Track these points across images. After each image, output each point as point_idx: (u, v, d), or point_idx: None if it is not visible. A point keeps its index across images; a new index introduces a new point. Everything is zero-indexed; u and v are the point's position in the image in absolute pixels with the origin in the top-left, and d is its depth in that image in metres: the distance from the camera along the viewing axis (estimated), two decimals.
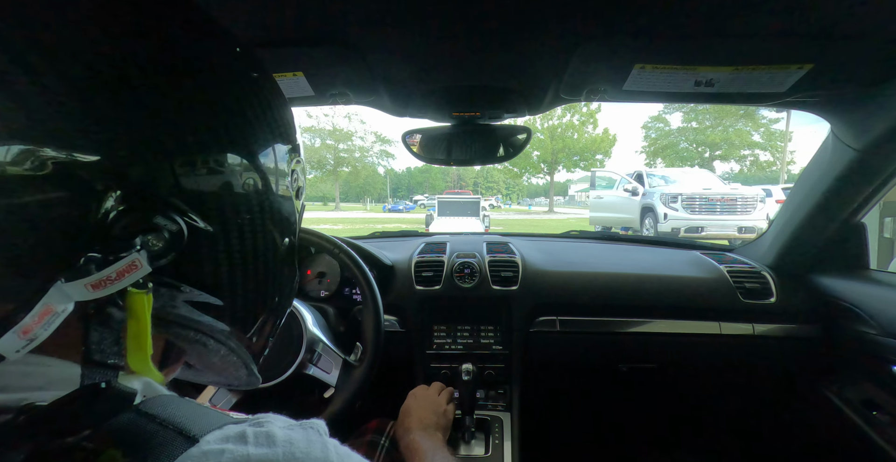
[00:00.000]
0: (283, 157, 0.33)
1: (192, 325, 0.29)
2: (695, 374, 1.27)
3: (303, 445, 0.24)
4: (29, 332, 0.21)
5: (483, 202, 9.70)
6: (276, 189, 0.33)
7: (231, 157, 0.29)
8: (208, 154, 0.27)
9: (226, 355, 0.32)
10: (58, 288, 0.22)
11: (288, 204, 0.34)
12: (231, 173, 0.29)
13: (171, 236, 0.25)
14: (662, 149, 26.52)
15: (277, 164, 0.33)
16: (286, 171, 0.34)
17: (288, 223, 0.35)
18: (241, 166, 0.29)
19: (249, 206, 0.30)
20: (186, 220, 0.26)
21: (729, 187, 7.75)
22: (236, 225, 0.30)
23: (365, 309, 0.82)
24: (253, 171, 0.30)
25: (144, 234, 0.24)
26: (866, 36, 0.63)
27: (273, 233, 0.33)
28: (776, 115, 21.79)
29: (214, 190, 0.28)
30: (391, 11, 0.59)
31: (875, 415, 0.94)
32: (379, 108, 0.96)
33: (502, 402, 1.08)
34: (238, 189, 0.29)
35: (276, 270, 0.35)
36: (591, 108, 22.62)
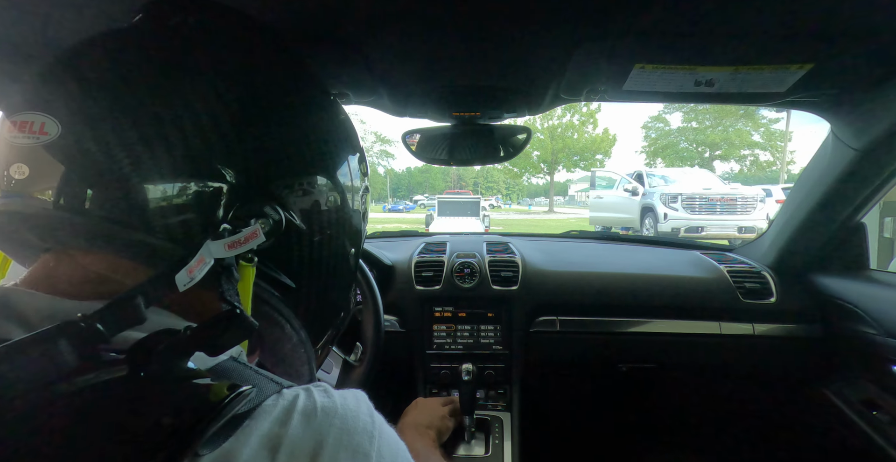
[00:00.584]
0: (356, 167, 0.41)
1: (277, 305, 0.35)
2: (695, 374, 1.27)
3: (352, 403, 0.29)
4: (192, 271, 0.29)
5: (483, 202, 9.70)
6: (351, 201, 0.40)
7: (319, 173, 0.37)
8: (301, 164, 0.36)
9: (297, 345, 0.37)
10: (207, 245, 0.30)
11: (357, 215, 0.42)
12: (319, 185, 0.36)
13: (275, 223, 0.33)
14: (662, 149, 26.52)
15: (352, 175, 0.40)
16: (360, 180, 0.41)
17: (357, 231, 0.42)
18: (326, 181, 0.37)
19: (330, 211, 0.37)
20: (285, 214, 0.34)
21: (729, 187, 7.75)
22: (319, 225, 0.37)
23: (365, 309, 0.82)
24: (335, 184, 0.38)
25: (257, 217, 0.32)
26: (866, 36, 0.63)
27: (345, 237, 0.40)
28: (776, 115, 21.81)
29: (304, 188, 0.36)
30: (391, 11, 0.59)
31: (875, 415, 0.94)
32: (379, 108, 0.96)
33: (502, 402, 1.08)
34: (324, 197, 0.37)
35: (346, 264, 0.42)
36: (591, 108, 22.64)
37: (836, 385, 1.05)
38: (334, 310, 0.43)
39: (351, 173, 0.40)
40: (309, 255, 0.37)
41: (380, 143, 34.24)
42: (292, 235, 0.35)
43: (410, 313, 1.13)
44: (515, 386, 1.10)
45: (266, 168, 0.33)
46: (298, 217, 0.35)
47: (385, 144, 34.54)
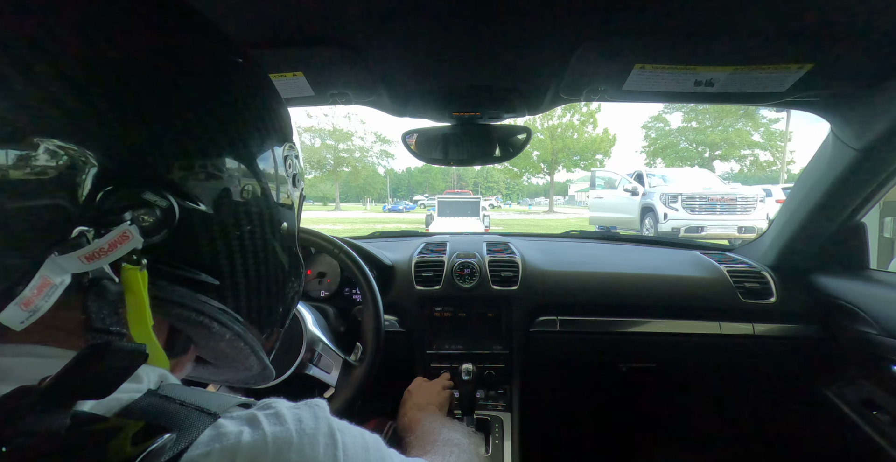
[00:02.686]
0: (281, 155, 0.35)
1: (192, 304, 0.29)
2: (695, 373, 1.27)
3: (311, 422, 0.26)
4: (30, 304, 0.22)
5: (483, 202, 9.69)
6: (275, 193, 0.34)
7: (229, 155, 0.30)
8: (199, 138, 0.28)
9: (233, 340, 0.32)
10: (52, 260, 0.23)
11: (283, 189, 0.36)
12: (229, 169, 0.30)
13: (163, 212, 0.26)
14: (662, 149, 26.52)
15: (277, 164, 0.35)
16: (288, 171, 0.36)
17: (283, 208, 0.36)
18: (239, 165, 0.31)
19: (242, 187, 0.31)
20: (178, 199, 0.27)
21: (729, 187, 7.75)
22: (230, 206, 0.31)
23: (365, 309, 0.82)
24: (253, 172, 0.32)
25: (134, 209, 0.25)
26: (866, 35, 0.63)
27: (268, 215, 0.34)
28: (776, 115, 21.81)
29: (207, 170, 0.29)
30: (391, 12, 0.59)
31: (875, 415, 0.94)
32: (379, 108, 0.96)
33: (502, 402, 1.08)
34: (231, 172, 0.30)
35: (274, 254, 0.35)
36: (591, 108, 22.62)
37: (836, 385, 1.05)
38: (275, 300, 0.37)
39: (276, 161, 0.34)
40: (226, 247, 0.31)
41: (380, 143, 34.22)
42: (198, 225, 0.29)
43: (410, 313, 1.13)
44: (515, 386, 1.10)
45: (151, 144, 0.26)
46: (205, 204, 0.29)
47: (385, 144, 34.51)
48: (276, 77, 0.77)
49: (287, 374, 0.77)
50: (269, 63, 0.72)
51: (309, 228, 0.89)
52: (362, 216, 20.70)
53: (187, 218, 0.28)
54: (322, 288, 1.16)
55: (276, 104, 0.36)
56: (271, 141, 0.34)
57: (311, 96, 0.85)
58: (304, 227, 0.90)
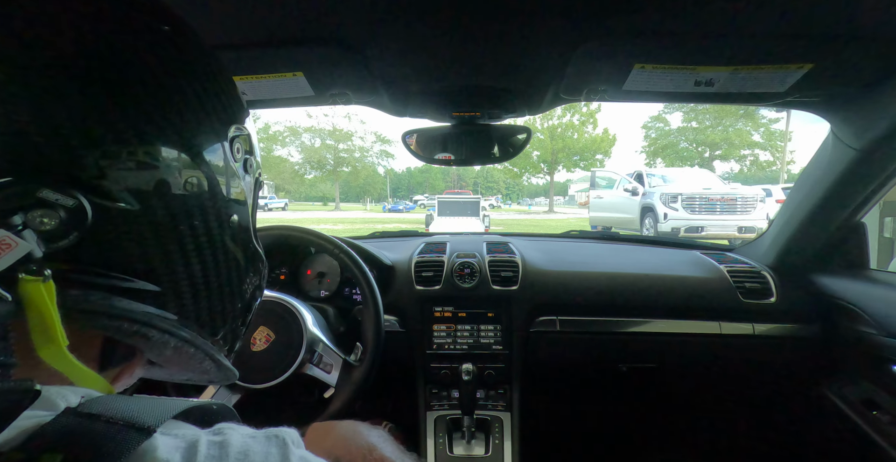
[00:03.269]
0: (229, 146, 0.31)
1: (124, 314, 0.25)
2: (695, 373, 1.27)
3: (259, 458, 0.22)
4: None
5: (483, 202, 9.70)
6: (212, 159, 0.29)
7: (141, 122, 0.25)
8: (112, 121, 0.24)
9: (179, 347, 0.28)
10: None
11: (231, 178, 0.32)
12: (147, 143, 0.25)
13: (68, 213, 0.22)
14: (662, 149, 26.52)
15: (227, 155, 0.30)
16: (223, 139, 0.31)
17: (231, 199, 0.32)
18: (160, 137, 0.26)
19: (175, 179, 0.27)
20: (90, 196, 0.23)
21: (729, 187, 7.75)
22: (162, 202, 0.26)
23: (365, 309, 0.82)
24: (176, 142, 0.27)
25: (26, 210, 0.21)
26: (866, 36, 0.63)
27: (213, 208, 0.30)
28: (776, 115, 21.81)
29: (127, 160, 0.24)
30: (391, 11, 0.59)
31: (875, 415, 0.94)
32: (379, 108, 0.96)
33: (502, 402, 1.08)
34: (159, 161, 0.26)
35: (224, 251, 0.32)
36: (591, 108, 22.62)
37: (836, 385, 1.05)
38: (228, 300, 0.33)
39: (225, 153, 0.30)
40: (161, 248, 0.27)
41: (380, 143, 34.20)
42: (121, 225, 0.25)
43: (410, 313, 1.13)
44: (515, 386, 1.10)
45: (45, 129, 0.22)
46: (127, 200, 0.25)
47: (385, 144, 34.50)
48: (276, 77, 0.77)
49: (287, 374, 0.78)
50: (269, 63, 0.72)
51: (309, 228, 0.89)
52: (362, 216, 20.70)
53: (106, 218, 0.24)
54: (322, 288, 1.16)
55: (218, 79, 0.31)
56: (211, 122, 0.30)
57: (311, 96, 0.85)
58: (305, 227, 0.90)
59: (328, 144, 31.25)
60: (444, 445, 1.03)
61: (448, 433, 1.06)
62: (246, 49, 0.68)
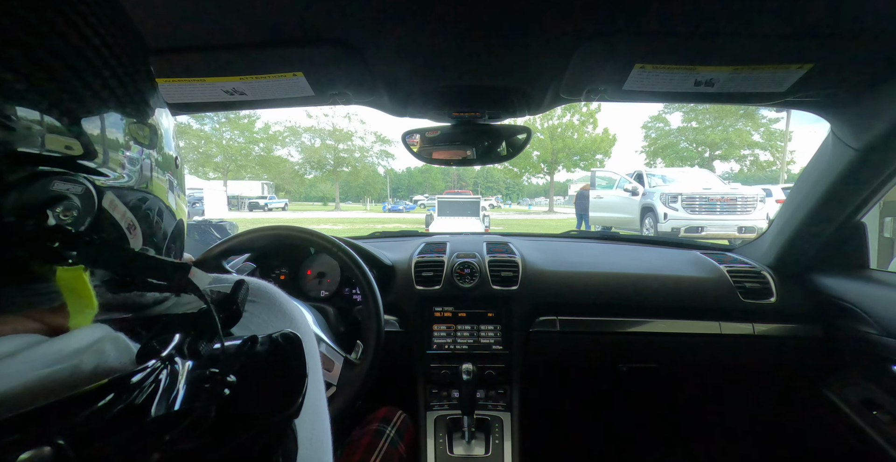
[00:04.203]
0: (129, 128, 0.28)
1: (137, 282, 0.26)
2: (695, 373, 1.27)
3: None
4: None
5: (483, 202, 9.69)
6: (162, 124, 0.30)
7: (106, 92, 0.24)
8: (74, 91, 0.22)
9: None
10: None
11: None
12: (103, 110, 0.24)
13: (80, 200, 0.22)
14: (662, 149, 26.52)
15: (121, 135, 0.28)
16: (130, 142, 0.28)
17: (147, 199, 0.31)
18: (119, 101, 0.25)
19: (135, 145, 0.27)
20: (90, 177, 0.22)
21: (729, 187, 7.75)
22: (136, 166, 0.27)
23: (365, 309, 0.82)
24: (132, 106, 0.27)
25: (50, 207, 0.20)
26: (866, 36, 0.63)
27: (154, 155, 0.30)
28: (776, 115, 21.81)
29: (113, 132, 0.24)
30: (391, 11, 0.59)
31: (875, 415, 0.94)
32: (379, 108, 0.96)
33: (502, 402, 1.08)
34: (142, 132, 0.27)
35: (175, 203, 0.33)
36: (591, 108, 22.62)
37: (836, 385, 1.05)
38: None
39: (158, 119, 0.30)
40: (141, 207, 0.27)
41: (380, 143, 34.18)
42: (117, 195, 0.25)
43: (410, 313, 1.13)
44: (515, 386, 1.10)
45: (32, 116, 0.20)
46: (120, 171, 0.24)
47: (385, 144, 34.47)
48: (276, 77, 0.77)
49: None
50: (269, 63, 0.72)
51: (309, 228, 0.89)
52: (362, 216, 20.69)
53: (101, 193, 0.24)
54: (322, 288, 1.16)
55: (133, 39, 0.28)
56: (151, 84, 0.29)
57: (311, 96, 0.85)
58: (305, 227, 0.90)
59: (328, 144, 31.24)
60: (444, 445, 1.03)
61: (448, 433, 1.06)
62: (246, 49, 0.67)
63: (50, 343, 0.20)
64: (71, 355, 0.20)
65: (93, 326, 0.23)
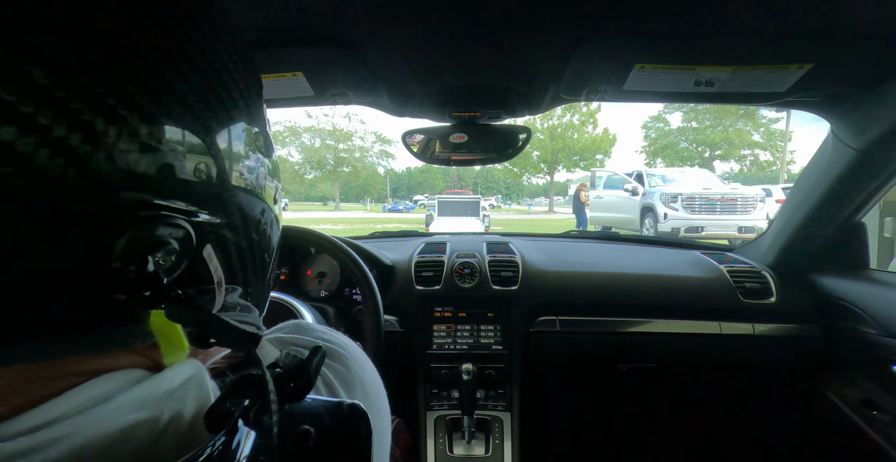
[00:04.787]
0: (251, 137, 0.28)
1: (227, 322, 0.25)
2: (695, 373, 1.27)
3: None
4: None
5: (483, 202, 9.69)
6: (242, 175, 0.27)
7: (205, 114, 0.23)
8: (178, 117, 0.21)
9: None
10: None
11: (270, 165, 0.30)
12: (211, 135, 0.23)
13: (180, 244, 0.21)
14: (662, 149, 26.52)
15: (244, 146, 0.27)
16: (253, 152, 0.28)
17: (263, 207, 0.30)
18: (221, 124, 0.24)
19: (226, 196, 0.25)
20: (191, 217, 0.22)
21: (729, 187, 7.75)
22: (236, 205, 0.25)
23: (365, 309, 0.82)
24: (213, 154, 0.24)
25: (151, 253, 0.20)
26: (866, 36, 0.63)
27: (259, 202, 0.28)
28: (776, 114, 21.81)
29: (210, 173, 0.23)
30: (391, 11, 0.59)
31: (875, 415, 0.94)
32: (379, 108, 0.96)
33: (502, 402, 1.08)
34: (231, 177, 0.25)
35: (270, 241, 0.31)
36: (591, 108, 22.64)
37: (836, 385, 1.05)
38: (269, 286, 0.34)
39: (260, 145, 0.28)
40: (239, 253, 0.26)
41: (380, 143, 34.19)
42: (213, 239, 0.24)
43: (410, 313, 1.13)
44: (515, 386, 1.10)
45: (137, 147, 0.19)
46: (219, 213, 0.24)
47: (385, 144, 34.49)
48: (276, 77, 0.77)
49: None
50: (269, 63, 0.72)
51: (309, 228, 0.89)
52: (362, 216, 20.69)
53: (202, 236, 0.23)
54: (322, 288, 1.16)
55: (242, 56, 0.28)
56: (255, 113, 0.28)
57: (311, 96, 0.85)
58: (305, 227, 0.90)
59: (328, 144, 31.24)
60: (444, 445, 1.03)
61: (448, 433, 1.06)
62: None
63: (143, 385, 0.21)
64: (158, 401, 0.20)
65: (185, 364, 0.23)
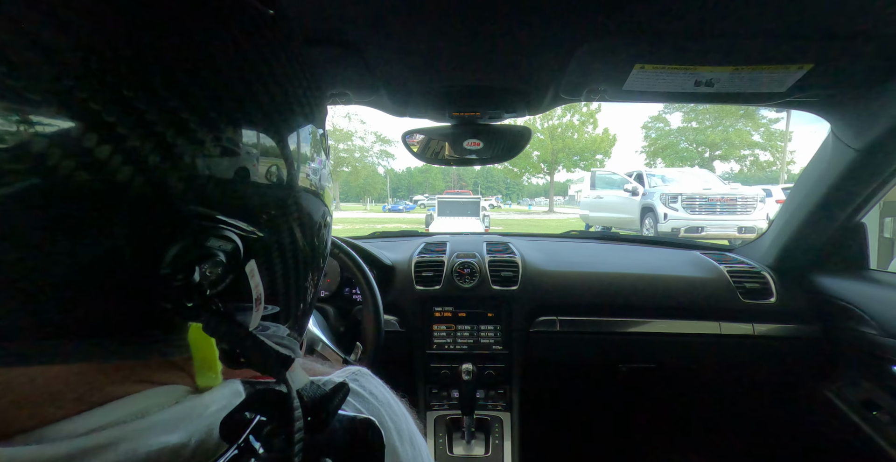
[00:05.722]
0: (317, 139, 0.28)
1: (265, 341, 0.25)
2: (695, 374, 1.27)
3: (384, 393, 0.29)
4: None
5: (483, 202, 9.69)
6: (308, 176, 0.27)
7: (263, 139, 0.23)
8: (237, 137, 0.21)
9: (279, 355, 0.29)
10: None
11: (323, 178, 0.29)
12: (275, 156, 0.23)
13: (228, 256, 0.21)
14: (662, 149, 26.52)
15: (311, 148, 0.27)
16: (318, 153, 0.28)
17: (320, 200, 0.30)
18: (274, 151, 0.23)
19: (293, 199, 0.25)
20: (241, 233, 0.21)
21: (729, 187, 7.75)
22: (286, 224, 0.25)
23: (365, 309, 0.82)
24: (284, 158, 0.24)
25: (200, 264, 0.19)
26: (866, 36, 0.63)
27: (315, 216, 0.28)
28: (776, 115, 21.81)
29: (262, 185, 0.22)
30: (391, 11, 0.59)
31: (875, 415, 0.94)
32: (379, 108, 0.96)
33: (502, 402, 1.09)
34: (291, 180, 0.24)
35: (316, 265, 0.31)
36: (591, 108, 22.63)
37: (836, 385, 1.05)
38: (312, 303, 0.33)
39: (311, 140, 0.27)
40: (282, 265, 0.26)
41: (380, 143, 34.19)
42: (260, 255, 0.24)
43: (410, 313, 1.13)
44: (515, 386, 1.10)
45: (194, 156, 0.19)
46: (267, 228, 0.23)
47: (385, 144, 34.48)
48: None
49: None
50: None
51: None
52: (362, 216, 20.69)
53: (249, 252, 0.22)
54: (322, 288, 1.16)
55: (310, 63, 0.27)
56: (321, 115, 0.27)
57: None
58: None
59: None
60: (444, 445, 1.03)
61: (448, 433, 1.06)
62: None
63: (180, 407, 0.21)
64: (190, 425, 0.21)
65: (225, 387, 0.24)
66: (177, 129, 0.19)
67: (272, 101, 0.23)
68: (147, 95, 0.18)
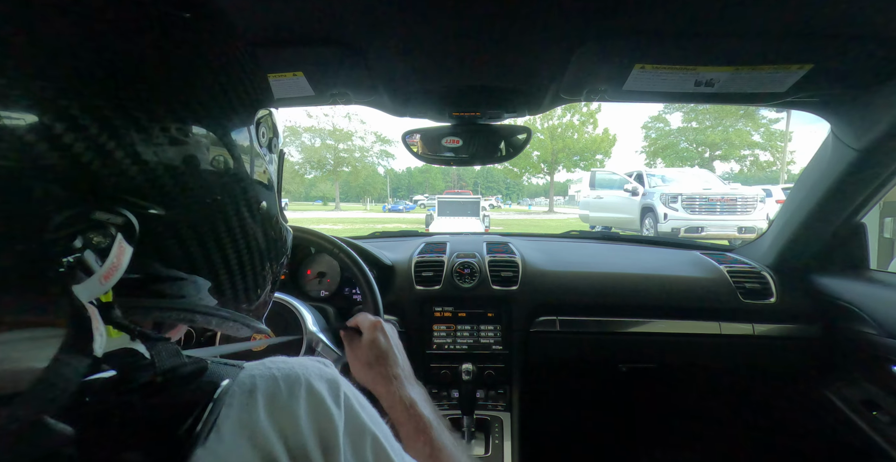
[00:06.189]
0: (247, 112, 0.30)
1: (173, 306, 0.28)
2: (695, 373, 1.27)
3: (309, 362, 0.31)
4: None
5: (483, 202, 9.69)
6: (243, 145, 0.29)
7: (191, 127, 0.25)
8: (161, 123, 0.24)
9: (220, 323, 0.32)
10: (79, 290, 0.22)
11: (258, 164, 0.31)
12: (193, 145, 0.26)
13: (119, 230, 0.23)
14: (662, 149, 26.51)
15: (242, 122, 0.29)
16: (249, 124, 0.30)
17: (260, 185, 0.32)
18: (199, 134, 0.26)
19: (211, 178, 0.27)
20: (136, 209, 0.23)
21: (729, 187, 7.75)
22: (199, 202, 0.27)
23: (365, 309, 0.82)
24: (216, 131, 0.27)
25: (83, 233, 0.22)
26: (866, 36, 0.63)
27: (244, 198, 0.30)
28: (776, 115, 21.81)
29: (171, 166, 0.24)
30: (391, 11, 0.59)
31: (875, 415, 0.94)
32: (379, 108, 0.96)
33: (502, 402, 1.08)
34: (196, 161, 0.26)
35: (255, 239, 0.32)
36: (591, 108, 22.62)
37: (836, 385, 1.05)
38: (261, 279, 0.35)
39: (249, 134, 0.30)
40: (200, 245, 0.28)
41: (380, 143, 34.17)
42: (164, 229, 0.26)
43: (410, 313, 1.13)
44: (515, 386, 1.10)
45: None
46: (167, 205, 0.25)
47: (385, 144, 34.46)
48: (276, 77, 0.77)
49: None
50: (269, 63, 0.72)
51: (309, 228, 0.89)
52: (362, 216, 20.68)
53: (149, 226, 0.24)
54: (322, 288, 1.16)
55: (243, 64, 0.31)
56: (245, 110, 0.30)
57: (311, 96, 0.85)
58: (304, 227, 0.90)
59: (328, 144, 31.20)
60: None
61: None
62: None
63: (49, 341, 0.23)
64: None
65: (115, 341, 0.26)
66: (93, 117, 0.22)
67: (169, 84, 0.25)
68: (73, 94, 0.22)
